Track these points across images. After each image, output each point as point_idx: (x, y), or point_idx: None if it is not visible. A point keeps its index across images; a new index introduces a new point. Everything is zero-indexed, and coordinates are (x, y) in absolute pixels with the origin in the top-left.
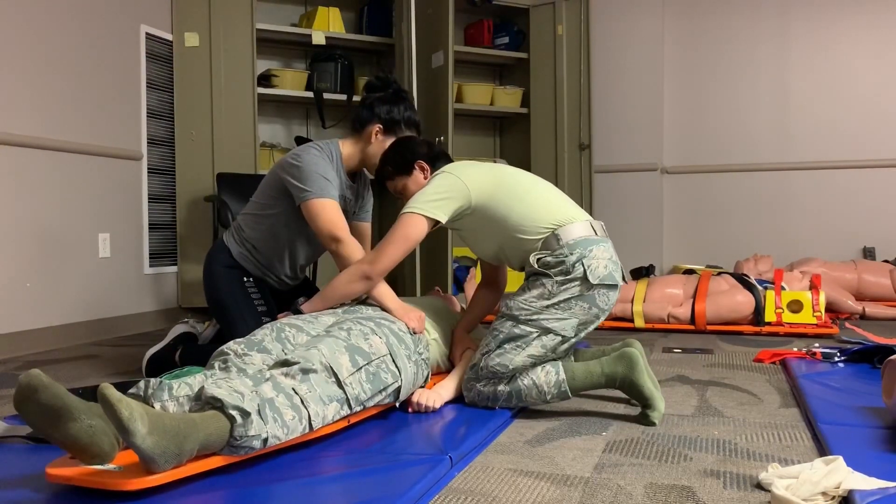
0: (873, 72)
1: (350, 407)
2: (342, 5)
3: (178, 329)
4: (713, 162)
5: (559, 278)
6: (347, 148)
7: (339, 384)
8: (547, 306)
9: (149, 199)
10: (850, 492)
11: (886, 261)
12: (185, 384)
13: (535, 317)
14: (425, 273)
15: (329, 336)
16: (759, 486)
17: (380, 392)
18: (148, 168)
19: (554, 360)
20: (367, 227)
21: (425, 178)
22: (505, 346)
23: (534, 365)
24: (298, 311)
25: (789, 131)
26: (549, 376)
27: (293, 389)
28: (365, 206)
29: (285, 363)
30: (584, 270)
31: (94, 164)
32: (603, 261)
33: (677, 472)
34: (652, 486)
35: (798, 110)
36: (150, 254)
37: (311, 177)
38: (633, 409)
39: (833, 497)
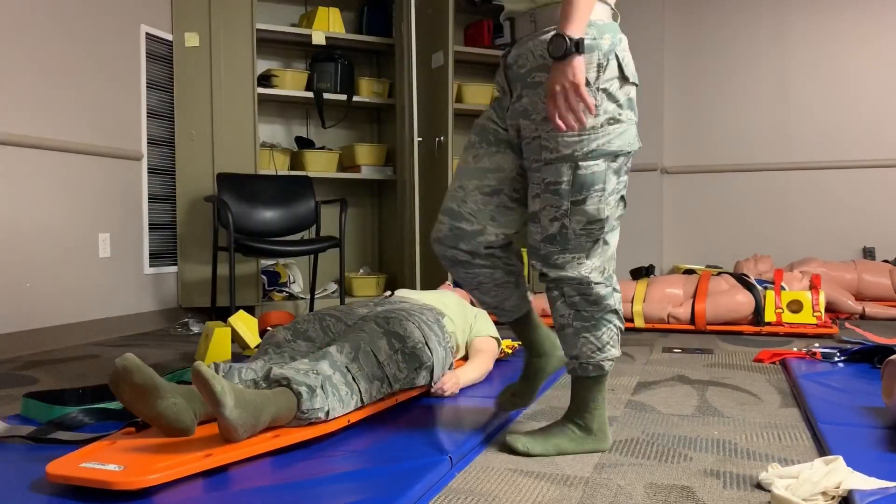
0: (873, 72)
1: (391, 385)
2: (342, 5)
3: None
4: (713, 162)
5: (591, 75)
6: None
7: (379, 365)
8: (601, 124)
9: (149, 199)
10: (850, 492)
11: (886, 261)
12: (251, 369)
13: (593, 144)
14: (425, 271)
15: (367, 323)
16: (759, 486)
17: (415, 370)
18: (148, 168)
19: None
20: None
21: None
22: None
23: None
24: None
25: (789, 131)
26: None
27: (346, 367)
28: None
29: (337, 342)
30: (619, 63)
31: (94, 164)
32: (633, 64)
33: (677, 472)
34: (652, 486)
35: (798, 110)
36: (150, 254)
37: None
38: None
39: (833, 497)
